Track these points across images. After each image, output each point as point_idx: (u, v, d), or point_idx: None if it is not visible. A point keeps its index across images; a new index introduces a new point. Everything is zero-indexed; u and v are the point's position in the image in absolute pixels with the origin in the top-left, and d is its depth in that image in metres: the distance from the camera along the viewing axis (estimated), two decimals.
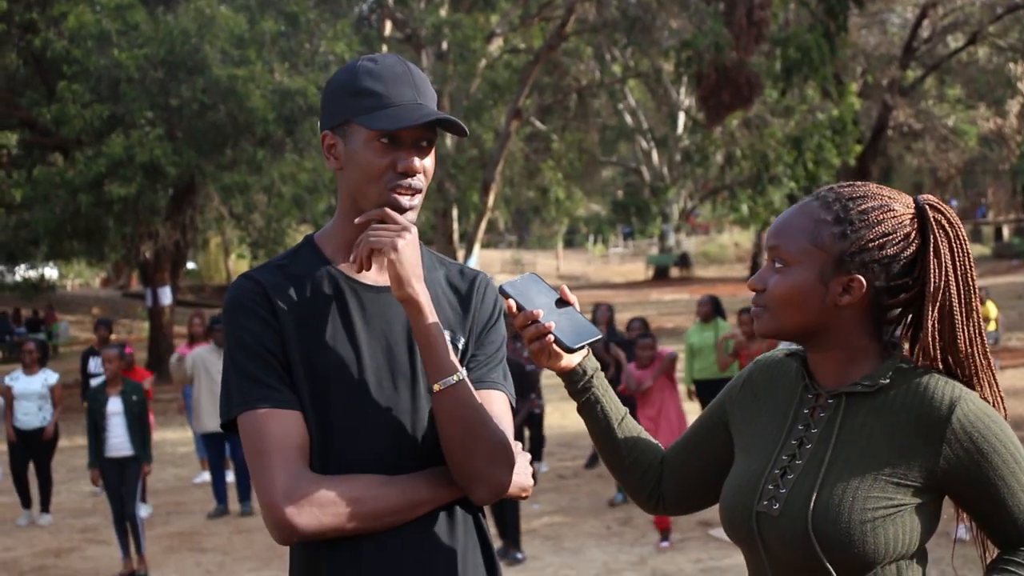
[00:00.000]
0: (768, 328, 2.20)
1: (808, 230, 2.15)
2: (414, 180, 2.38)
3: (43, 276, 31.13)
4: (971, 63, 39.37)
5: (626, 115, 44.78)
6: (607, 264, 61.82)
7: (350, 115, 2.38)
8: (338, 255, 2.46)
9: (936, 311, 2.15)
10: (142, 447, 9.52)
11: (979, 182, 59.01)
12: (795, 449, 2.17)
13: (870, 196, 2.16)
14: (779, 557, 2.12)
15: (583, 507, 11.26)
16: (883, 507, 2.05)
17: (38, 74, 22.86)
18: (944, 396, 2.08)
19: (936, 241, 2.15)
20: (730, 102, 26.07)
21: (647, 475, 2.48)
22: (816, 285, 2.13)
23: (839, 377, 2.18)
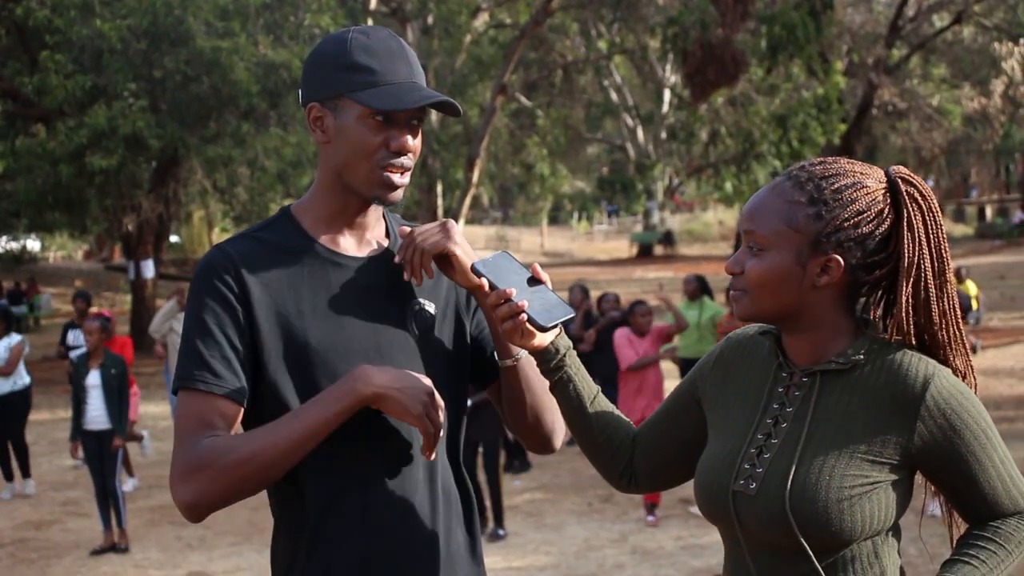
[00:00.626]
0: (748, 312, 2.19)
1: (782, 212, 2.13)
2: (405, 159, 2.37)
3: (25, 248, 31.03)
4: (956, 42, 39.40)
5: (612, 92, 44.74)
6: (591, 241, 61.85)
7: (343, 90, 2.34)
8: (318, 227, 2.43)
9: (910, 285, 2.14)
10: (118, 419, 9.49)
11: (963, 162, 59.14)
12: (770, 428, 2.16)
13: (843, 173, 2.14)
14: (755, 535, 2.13)
15: (564, 484, 11.28)
16: (859, 484, 2.05)
17: (20, 44, 22.69)
18: (918, 373, 2.08)
19: (910, 215, 2.14)
20: (715, 79, 26.04)
21: (619, 453, 2.47)
22: (793, 267, 2.12)
23: (813, 355, 2.18)
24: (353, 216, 2.44)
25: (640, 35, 32.18)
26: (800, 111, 31.35)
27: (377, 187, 2.36)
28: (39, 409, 12.81)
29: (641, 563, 8.43)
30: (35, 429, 12.17)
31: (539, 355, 2.38)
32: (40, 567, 9.24)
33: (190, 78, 21.07)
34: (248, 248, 2.37)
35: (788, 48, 25.24)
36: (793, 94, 32.64)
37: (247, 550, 9.29)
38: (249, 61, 20.89)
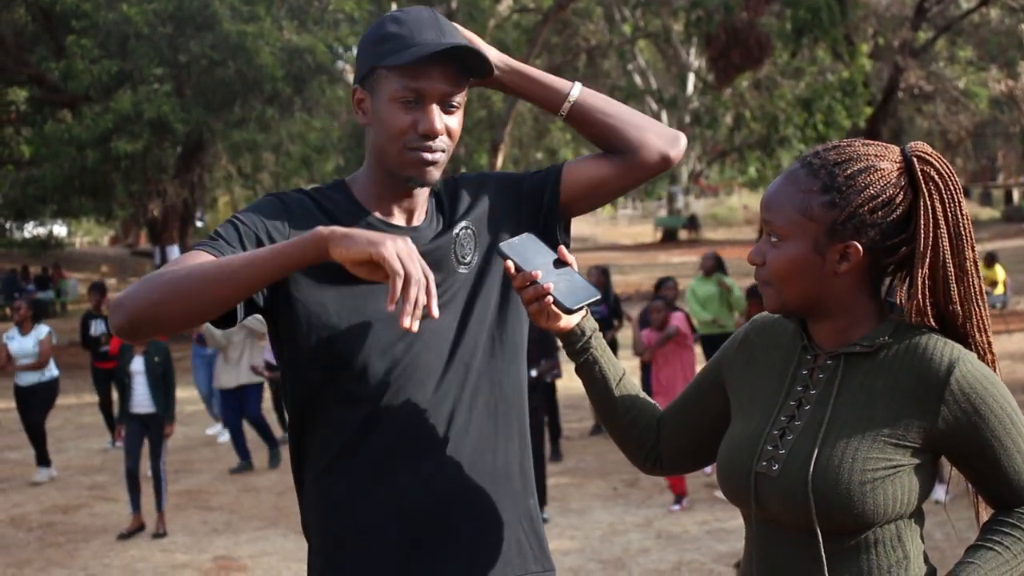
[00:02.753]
0: (774, 304, 2.18)
1: (797, 201, 2.11)
2: (435, 142, 2.35)
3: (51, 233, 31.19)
4: (983, 24, 39.06)
5: (636, 76, 44.57)
6: (615, 226, 61.73)
7: (376, 61, 2.35)
8: (369, 201, 2.44)
9: (927, 267, 2.11)
10: (163, 405, 9.59)
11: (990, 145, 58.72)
12: (794, 410, 2.16)
13: (856, 158, 2.12)
14: (774, 517, 2.12)
15: (589, 469, 11.27)
16: (882, 468, 2.05)
17: (47, 30, 22.79)
18: (943, 357, 2.06)
19: (925, 195, 2.11)
20: (740, 63, 25.94)
21: (644, 435, 2.46)
22: (812, 256, 2.11)
23: (838, 338, 2.17)
24: (401, 197, 2.44)
25: (664, 19, 32.03)
26: (825, 94, 31.18)
27: (408, 168, 2.36)
28: (66, 394, 12.88)
29: (666, 547, 8.43)
30: (62, 414, 12.25)
31: (565, 337, 2.38)
32: (68, 551, 9.30)
33: (215, 63, 21.12)
34: (298, 202, 2.40)
35: (813, 31, 25.11)
36: (818, 77, 32.47)
37: (273, 535, 9.33)
38: (274, 46, 20.93)
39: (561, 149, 41.34)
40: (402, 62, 2.30)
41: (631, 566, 8.06)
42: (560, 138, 40.75)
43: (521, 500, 2.48)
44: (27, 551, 9.34)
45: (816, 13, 24.49)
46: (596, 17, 37.02)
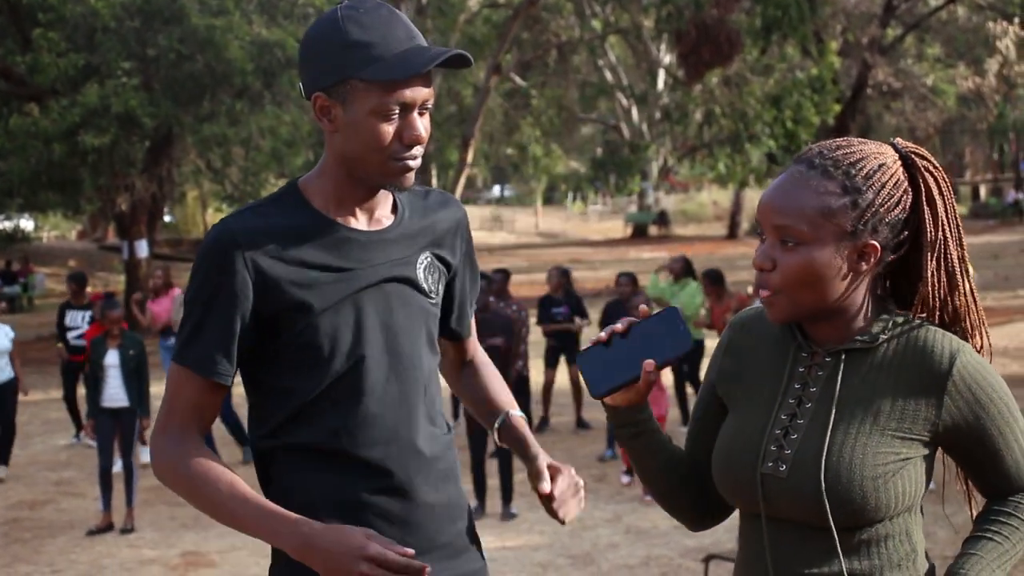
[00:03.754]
0: (786, 312, 2.14)
1: (816, 204, 2.08)
2: (416, 149, 2.35)
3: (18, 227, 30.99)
4: (951, 22, 39.30)
5: (606, 71, 44.61)
6: (585, 222, 61.78)
7: (347, 72, 2.28)
8: (328, 206, 2.42)
9: (935, 260, 2.15)
10: (139, 400, 9.55)
11: (957, 142, 59.11)
12: (794, 408, 2.15)
13: (866, 156, 2.12)
14: (784, 517, 2.12)
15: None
16: (892, 461, 2.06)
17: (13, 23, 22.60)
18: (944, 349, 2.09)
19: (928, 189, 2.14)
20: (710, 59, 26.01)
21: (687, 492, 2.38)
22: (834, 258, 2.09)
23: (836, 335, 2.16)
24: (363, 199, 2.43)
25: (634, 14, 32.09)
26: (794, 91, 31.25)
27: (391, 177, 2.35)
28: (32, 389, 12.78)
29: (635, 542, 8.45)
30: (28, 409, 12.16)
31: (611, 416, 2.28)
32: (34, 547, 9.25)
33: (184, 56, 21.00)
34: (254, 224, 2.36)
35: (782, 28, 25.19)
36: (787, 74, 32.55)
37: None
38: (243, 40, 20.83)
39: (531, 144, 41.34)
40: (392, 77, 2.26)
41: (600, 561, 8.08)
42: (530, 134, 40.74)
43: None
44: None
45: (785, 10, 24.57)
46: (566, 13, 37.03)
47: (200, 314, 2.34)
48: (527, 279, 28.10)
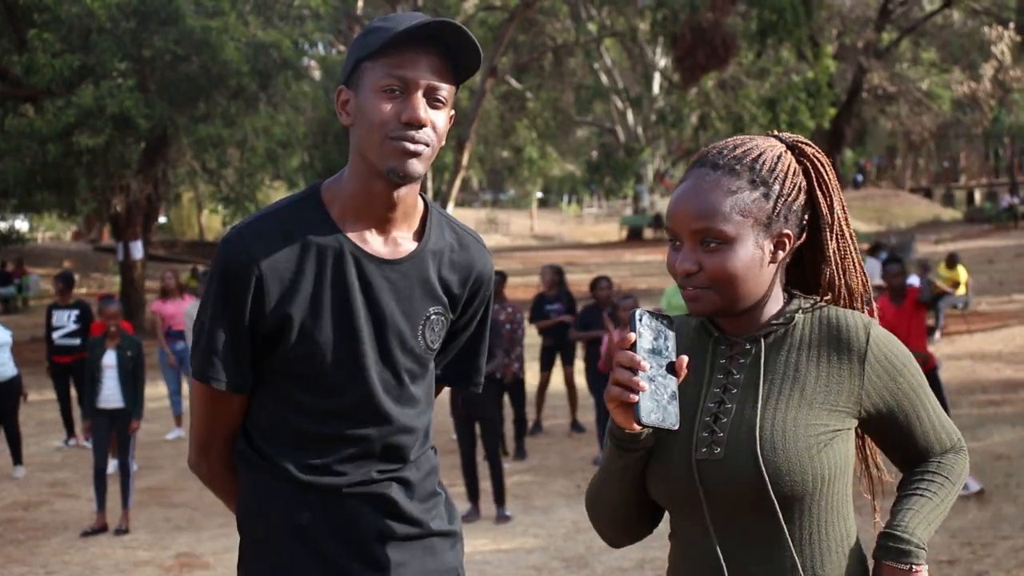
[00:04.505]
0: (716, 307, 2.18)
1: (733, 203, 2.13)
2: (419, 133, 2.33)
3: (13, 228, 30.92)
4: (946, 26, 39.40)
5: (602, 74, 44.67)
6: (581, 224, 61.81)
7: (360, 55, 2.35)
8: (345, 218, 2.42)
9: (835, 241, 2.23)
10: (133, 401, 9.54)
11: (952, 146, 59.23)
12: (721, 396, 2.19)
13: (763, 150, 2.19)
14: (724, 500, 2.13)
15: (553, 466, 11.29)
16: (822, 432, 2.12)
17: (8, 23, 22.58)
18: (857, 323, 2.18)
19: (820, 175, 2.23)
20: (705, 63, 26.04)
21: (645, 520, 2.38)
22: (756, 251, 2.15)
23: (751, 324, 2.22)
24: (382, 207, 2.42)
25: (630, 18, 32.13)
26: (790, 95, 31.32)
27: (389, 159, 2.33)
28: (27, 390, 12.76)
29: (630, 545, 8.44)
30: (23, 410, 12.12)
31: (620, 430, 2.19)
32: (28, 548, 9.24)
33: (179, 58, 21.00)
34: (269, 236, 2.37)
35: (778, 31, 25.25)
36: (783, 78, 32.61)
37: (235, 531, 9.29)
38: (239, 41, 20.82)
39: (527, 146, 41.36)
40: (384, 41, 2.30)
41: (594, 564, 8.08)
42: (526, 136, 40.76)
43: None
44: None
45: (781, 14, 24.62)
46: (562, 15, 37.07)
47: (207, 326, 2.40)
48: (522, 281, 28.10)
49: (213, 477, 2.58)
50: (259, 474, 2.47)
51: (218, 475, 2.57)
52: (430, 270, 2.48)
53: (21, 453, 11.91)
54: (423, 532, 2.53)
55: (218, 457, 2.54)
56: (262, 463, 2.46)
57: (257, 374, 2.45)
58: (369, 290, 2.40)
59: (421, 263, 2.47)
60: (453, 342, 2.64)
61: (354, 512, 2.45)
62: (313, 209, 2.42)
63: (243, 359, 2.40)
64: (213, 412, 2.49)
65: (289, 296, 2.35)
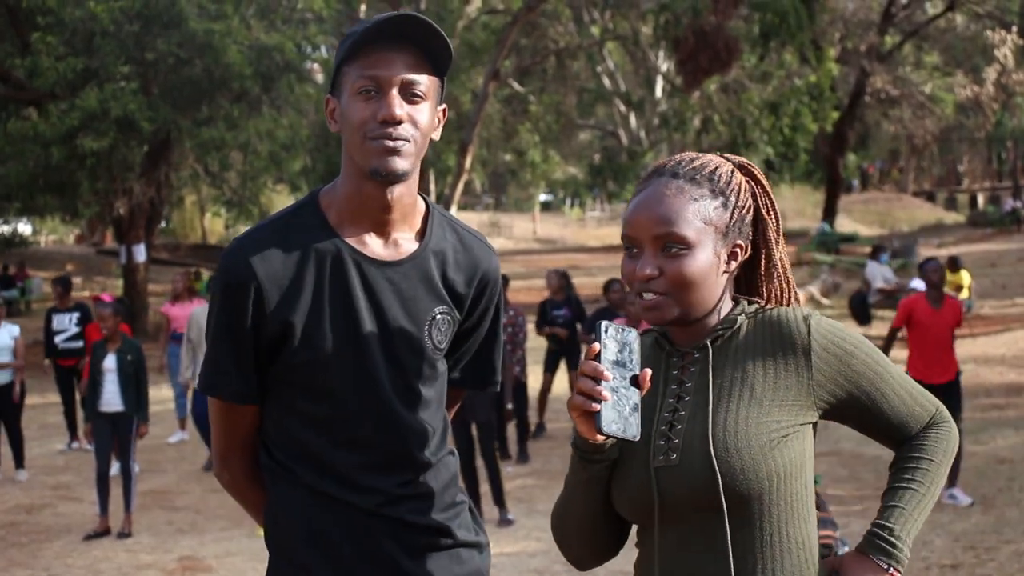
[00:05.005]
0: (674, 315, 2.20)
1: (696, 209, 2.19)
2: (397, 129, 2.33)
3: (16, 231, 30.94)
4: (949, 30, 39.35)
5: (604, 78, 44.64)
6: (584, 228, 61.82)
7: (337, 61, 2.39)
8: (343, 222, 2.43)
9: (780, 252, 2.30)
10: (136, 406, 9.52)
11: (955, 150, 59.20)
12: (674, 405, 2.22)
13: (718, 165, 2.28)
14: (681, 506, 2.14)
15: (555, 470, 11.28)
16: (775, 430, 2.13)
17: (11, 26, 22.60)
18: (797, 318, 2.21)
19: (765, 192, 2.31)
20: (708, 66, 26.04)
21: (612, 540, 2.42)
22: (714, 259, 2.20)
23: (699, 333, 2.26)
24: (377, 209, 2.42)
25: (633, 21, 32.12)
26: (792, 98, 31.34)
27: (371, 159, 2.34)
28: (30, 393, 12.75)
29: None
30: (26, 414, 12.13)
31: (583, 440, 2.19)
32: (31, 551, 9.24)
33: (182, 61, 21.01)
34: (269, 246, 2.39)
35: (780, 35, 25.26)
36: (786, 81, 32.61)
37: (238, 535, 9.29)
38: (242, 44, 20.84)
39: (530, 150, 41.36)
40: (353, 42, 2.32)
41: (596, 568, 8.07)
42: (528, 139, 40.75)
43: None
44: None
45: (784, 17, 24.62)
46: (565, 19, 37.05)
47: (215, 340, 2.43)
48: (525, 284, 28.11)
49: (235, 485, 2.60)
50: (280, 484, 2.48)
51: (240, 484, 2.59)
52: (433, 270, 2.48)
53: (23, 456, 11.92)
54: (448, 543, 2.52)
55: (238, 467, 2.56)
56: (281, 472, 2.47)
57: (264, 385, 2.45)
58: (371, 293, 2.41)
59: (423, 263, 2.47)
60: (465, 344, 2.63)
61: (374, 524, 2.44)
62: (311, 215, 2.44)
63: (247, 369, 2.41)
64: (227, 422, 2.51)
65: (289, 303, 2.36)
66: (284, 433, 2.45)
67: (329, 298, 2.38)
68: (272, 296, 2.35)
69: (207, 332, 2.45)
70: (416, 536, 2.46)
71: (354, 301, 2.39)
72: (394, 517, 2.44)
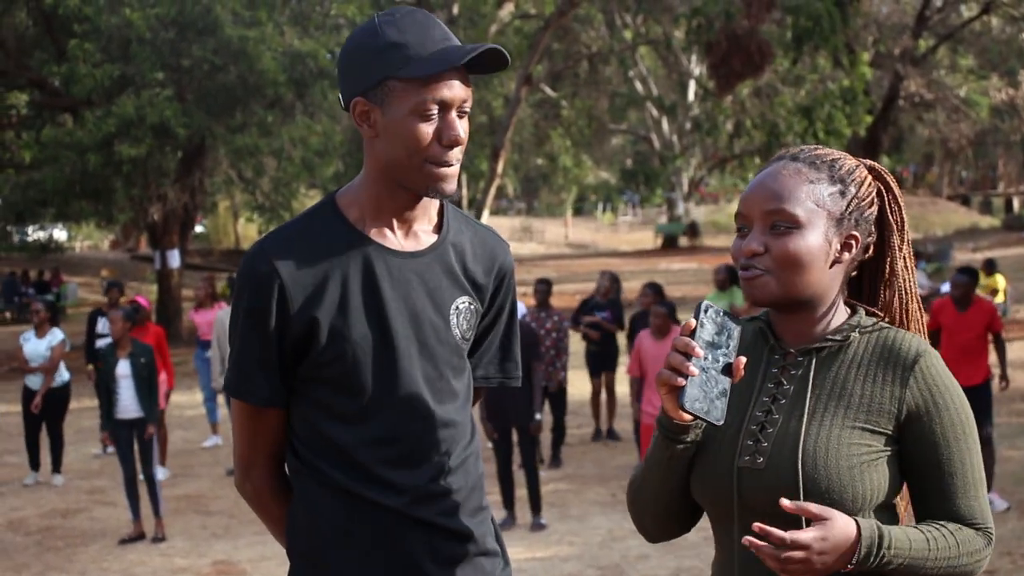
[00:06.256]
0: (774, 293, 2.16)
1: (810, 190, 2.15)
2: (456, 151, 2.34)
3: (51, 237, 31.17)
4: (984, 33, 39.08)
5: (636, 82, 44.60)
6: (616, 232, 61.71)
7: (386, 73, 2.30)
8: (364, 220, 2.42)
9: (902, 262, 2.25)
10: (148, 408, 9.55)
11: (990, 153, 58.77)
12: (768, 406, 2.18)
13: (841, 156, 2.23)
14: (759, 511, 2.12)
15: (588, 475, 11.28)
16: (864, 453, 2.09)
17: (47, 33, 22.80)
18: (911, 347, 2.14)
19: (894, 196, 2.26)
20: (741, 70, 25.94)
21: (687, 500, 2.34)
22: (824, 244, 2.15)
23: (809, 334, 2.21)
24: (402, 209, 2.43)
25: (665, 26, 32.09)
26: (826, 102, 31.16)
27: (431, 181, 2.34)
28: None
29: (665, 554, 8.43)
30: (65, 417, 12.23)
31: (669, 419, 2.17)
32: (67, 555, 9.30)
33: (217, 67, 21.14)
34: (290, 246, 2.38)
35: (814, 39, 25.11)
36: (819, 85, 32.46)
37: (272, 539, 9.32)
38: (276, 51, 20.95)
39: (561, 155, 41.36)
40: (429, 72, 2.27)
41: (630, 572, 8.07)
42: (560, 144, 40.76)
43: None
44: (25, 555, 9.35)
45: (817, 21, 24.50)
46: (597, 24, 37.08)
47: (238, 343, 2.41)
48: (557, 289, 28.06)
49: (257, 497, 2.54)
50: (308, 484, 2.45)
51: (263, 496, 2.54)
52: (453, 261, 2.48)
53: (61, 461, 12.03)
54: (474, 550, 2.50)
55: (261, 477, 2.52)
56: (310, 473, 2.44)
57: (292, 385, 2.43)
58: (397, 285, 2.40)
59: (444, 254, 2.47)
60: (487, 338, 2.63)
61: (403, 526, 2.42)
62: (331, 216, 2.43)
63: (274, 372, 2.39)
64: (253, 429, 2.48)
65: (314, 300, 2.35)
66: (311, 430, 2.42)
67: (355, 293, 2.37)
68: (296, 296, 2.34)
69: (231, 335, 2.44)
70: (444, 541, 2.45)
71: (381, 293, 2.38)
72: (424, 520, 2.42)
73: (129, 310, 10.17)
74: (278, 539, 2.59)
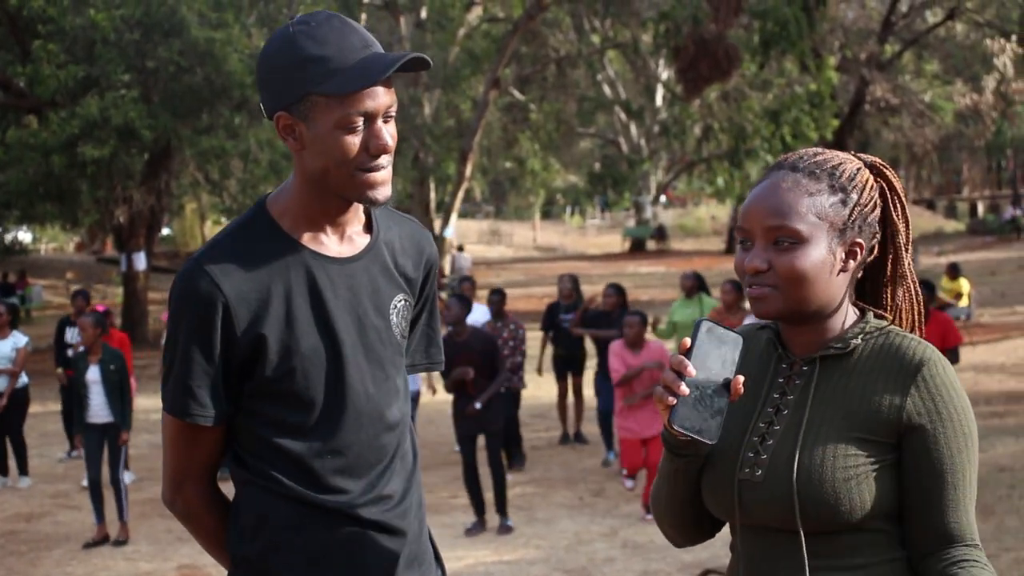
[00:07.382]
0: (780, 308, 2.14)
1: (811, 203, 2.12)
2: (386, 156, 2.32)
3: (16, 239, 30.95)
4: (949, 39, 39.37)
5: (604, 86, 44.67)
6: (584, 236, 61.80)
7: (306, 88, 2.27)
8: (299, 228, 2.40)
9: (907, 260, 2.22)
10: (120, 414, 9.52)
11: (955, 158, 59.19)
12: (772, 416, 2.17)
13: (843, 161, 2.18)
14: (760, 522, 2.13)
15: (555, 478, 11.28)
16: (861, 464, 2.06)
17: (12, 34, 22.62)
18: (916, 353, 2.10)
19: (896, 196, 2.22)
20: (708, 74, 26.04)
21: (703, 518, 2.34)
22: (828, 256, 2.12)
23: (813, 343, 2.19)
24: (335, 215, 2.41)
25: (633, 30, 32.16)
26: (793, 106, 31.31)
27: (363, 190, 2.33)
28: (30, 402, 12.75)
29: (632, 557, 8.44)
30: (26, 421, 12.13)
31: (669, 436, 2.17)
32: (30, 559, 9.23)
33: (183, 69, 21.04)
34: (229, 261, 2.33)
35: (781, 43, 25.25)
36: (786, 89, 32.61)
37: None
38: (242, 52, 20.87)
39: (529, 159, 41.39)
40: (351, 89, 2.25)
41: (596, 575, 8.07)
42: (529, 148, 40.78)
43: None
44: None
45: (784, 26, 24.63)
46: (565, 27, 37.13)
47: (176, 361, 2.35)
48: (524, 292, 28.12)
49: (190, 513, 2.50)
50: (257, 492, 2.41)
51: (196, 510, 2.49)
52: (388, 259, 2.49)
53: (27, 464, 11.94)
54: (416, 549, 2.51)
55: (194, 491, 2.47)
56: (263, 483, 2.40)
57: (237, 403, 2.39)
58: (340, 293, 2.38)
59: (379, 254, 2.47)
60: (415, 328, 2.63)
61: (352, 526, 2.41)
62: (265, 227, 2.39)
63: (219, 390, 2.34)
64: (189, 447, 2.41)
65: (260, 317, 2.31)
66: (261, 442, 2.39)
67: (301, 306, 2.35)
68: (242, 314, 2.30)
69: (166, 354, 2.37)
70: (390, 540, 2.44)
71: (326, 304, 2.36)
72: (370, 520, 2.41)
73: (99, 315, 10.11)
74: (210, 551, 2.54)
